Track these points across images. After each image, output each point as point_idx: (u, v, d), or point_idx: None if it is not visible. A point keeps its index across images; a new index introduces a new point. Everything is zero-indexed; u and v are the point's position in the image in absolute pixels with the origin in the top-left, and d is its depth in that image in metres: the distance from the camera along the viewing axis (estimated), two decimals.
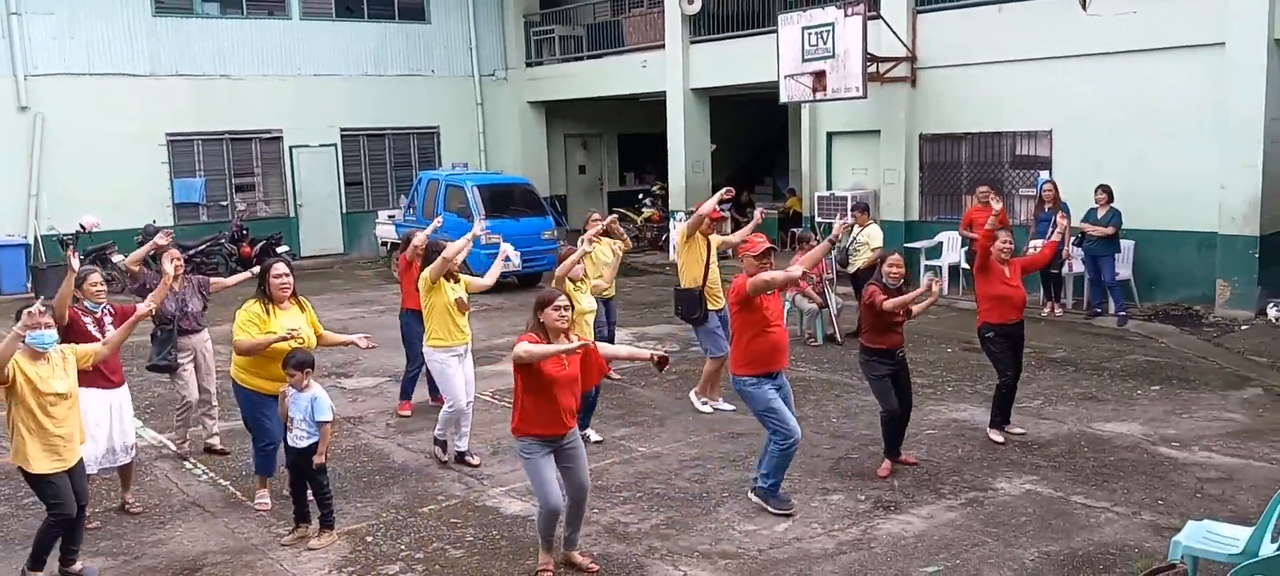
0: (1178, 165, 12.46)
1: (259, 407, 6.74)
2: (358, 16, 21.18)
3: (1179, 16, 12.22)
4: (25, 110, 17.82)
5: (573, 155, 24.25)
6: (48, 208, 18.03)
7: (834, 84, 14.40)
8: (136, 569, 6.11)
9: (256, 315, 6.67)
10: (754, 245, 6.69)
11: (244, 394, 6.82)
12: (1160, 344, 11.25)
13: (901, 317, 7.22)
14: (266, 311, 6.68)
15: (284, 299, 6.77)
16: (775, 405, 6.51)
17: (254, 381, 6.70)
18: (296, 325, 6.66)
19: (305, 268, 19.32)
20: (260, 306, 6.70)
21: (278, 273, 6.77)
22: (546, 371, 5.50)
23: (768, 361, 6.55)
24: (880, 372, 7.26)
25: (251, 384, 6.72)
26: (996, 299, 7.78)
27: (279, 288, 6.74)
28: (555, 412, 5.59)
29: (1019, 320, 7.89)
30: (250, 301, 6.78)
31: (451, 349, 7.60)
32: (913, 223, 15.35)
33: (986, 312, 7.86)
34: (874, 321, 7.23)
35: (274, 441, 6.75)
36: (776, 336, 6.58)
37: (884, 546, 6.09)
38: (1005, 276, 7.80)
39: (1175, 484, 6.96)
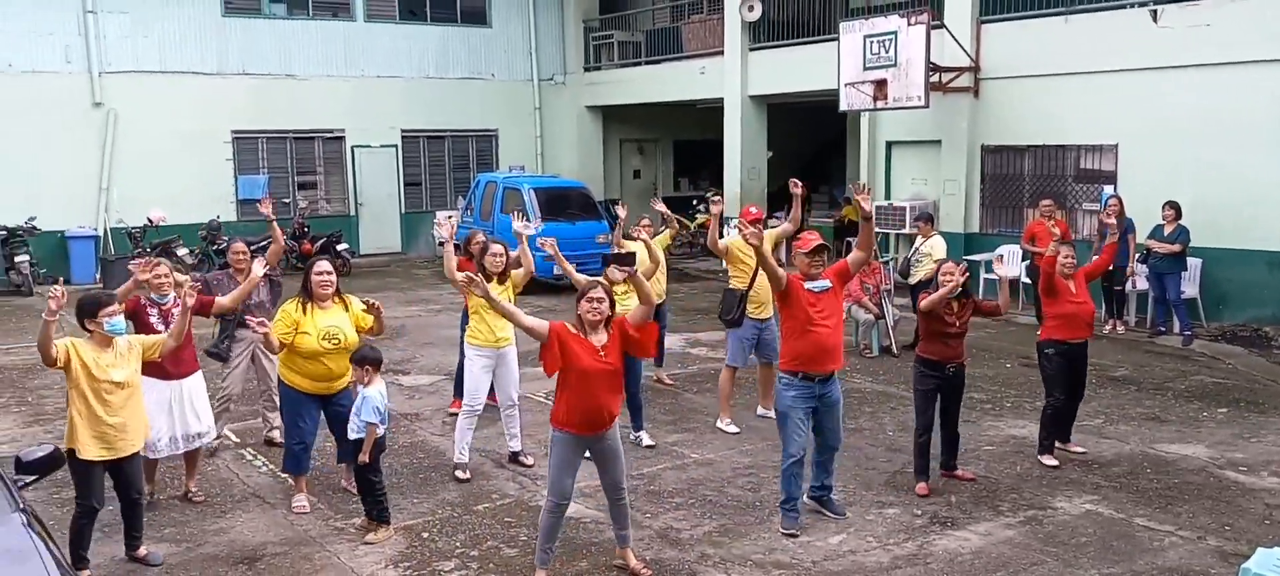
0: (1248, 182, 12.15)
1: (294, 406, 6.72)
2: (420, 19, 21.47)
3: (1253, 30, 11.92)
4: (99, 106, 18.34)
5: (628, 160, 24.32)
6: (117, 201, 18.52)
7: (895, 93, 14.28)
8: (198, 556, 6.24)
9: (289, 314, 6.63)
10: (805, 242, 6.45)
11: (284, 390, 6.80)
12: (1227, 365, 10.97)
13: (956, 328, 7.03)
14: (303, 310, 6.61)
15: (326, 298, 6.67)
16: (792, 414, 6.28)
17: (293, 378, 6.67)
18: (336, 323, 6.62)
19: (363, 266, 19.64)
20: (296, 305, 6.64)
21: (320, 271, 6.68)
22: (579, 362, 5.41)
23: (809, 361, 6.26)
24: (925, 386, 7.09)
25: (291, 381, 6.70)
26: (1064, 317, 7.55)
27: (320, 285, 6.64)
28: (591, 410, 5.48)
29: (1085, 339, 7.68)
30: (291, 298, 6.77)
31: (483, 350, 7.51)
32: (973, 235, 15.15)
33: (1052, 330, 7.63)
34: (927, 328, 7.12)
35: (304, 442, 6.75)
36: (820, 336, 6.23)
37: (940, 562, 6.01)
38: (1071, 292, 7.59)
39: (1242, 509, 6.78)
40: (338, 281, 6.82)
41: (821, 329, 6.24)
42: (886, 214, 15.87)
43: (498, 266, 7.51)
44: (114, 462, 5.78)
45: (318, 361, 6.61)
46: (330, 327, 6.61)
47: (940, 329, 7.01)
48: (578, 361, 5.42)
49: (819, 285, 6.33)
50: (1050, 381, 7.68)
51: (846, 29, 14.99)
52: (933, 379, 7.07)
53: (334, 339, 6.60)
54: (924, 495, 7.03)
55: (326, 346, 6.58)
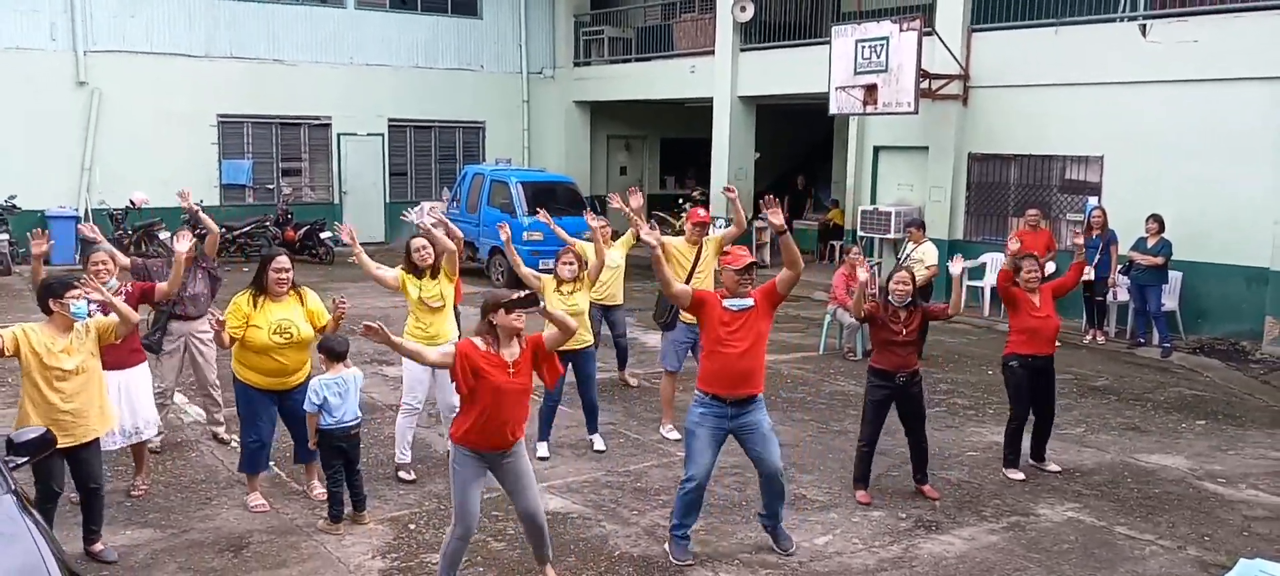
0: (1231, 198, 12.30)
1: (249, 403, 6.54)
2: (411, 9, 21.40)
3: (1240, 47, 12.07)
4: (83, 85, 18.19)
5: (615, 156, 24.32)
6: (99, 182, 18.37)
7: (885, 98, 14.35)
8: (184, 542, 6.21)
9: (239, 307, 6.43)
10: (735, 258, 5.94)
11: (237, 387, 6.60)
12: (1205, 378, 11.11)
13: (903, 336, 6.92)
14: (254, 303, 6.44)
15: (281, 293, 6.48)
16: (695, 430, 5.87)
17: (246, 374, 6.51)
18: (288, 317, 6.45)
19: (345, 254, 19.51)
20: (247, 298, 6.45)
21: (278, 266, 6.47)
22: (490, 380, 5.05)
23: (715, 381, 5.83)
24: (875, 396, 7.01)
25: (243, 377, 6.52)
26: (1027, 331, 7.50)
27: (277, 282, 6.45)
28: (497, 426, 5.15)
29: (1049, 354, 7.60)
30: (242, 291, 6.54)
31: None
32: (957, 241, 15.25)
33: (1015, 344, 7.56)
34: (875, 338, 7.08)
35: (261, 439, 6.58)
36: (727, 357, 5.76)
37: (925, 565, 6.06)
38: (1034, 306, 7.50)
39: (1221, 520, 6.87)
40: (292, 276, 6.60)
41: (729, 350, 5.76)
42: (872, 219, 15.96)
43: (426, 260, 7.28)
44: (70, 450, 5.55)
45: (268, 356, 6.44)
46: (282, 321, 6.43)
47: (887, 337, 6.93)
48: (488, 379, 5.06)
49: (739, 304, 5.84)
50: (1013, 395, 7.63)
51: (838, 33, 15.06)
52: (882, 388, 6.99)
53: (285, 333, 6.42)
54: (866, 504, 6.96)
55: (277, 340, 6.41)
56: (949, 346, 12.40)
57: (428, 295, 7.29)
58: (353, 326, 7.05)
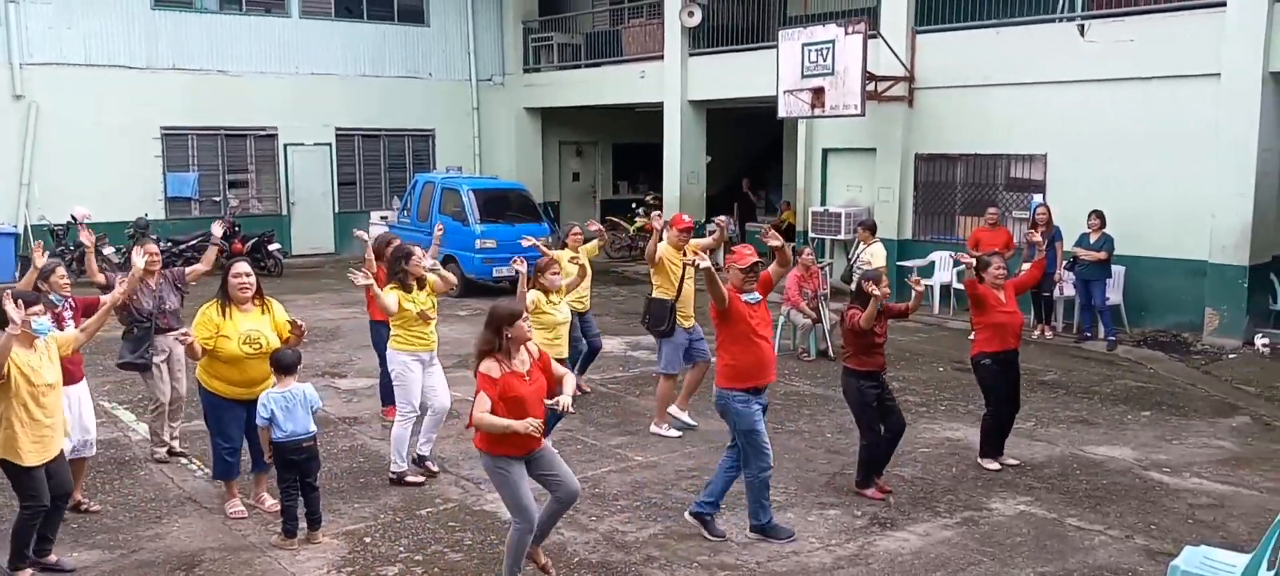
0: (1170, 193, 12.60)
1: (218, 411, 6.56)
2: (357, 17, 21.20)
3: (1176, 46, 12.37)
4: (20, 99, 17.76)
5: (567, 162, 24.29)
6: (39, 197, 17.98)
7: (832, 101, 14.49)
8: (133, 563, 6.08)
9: (210, 318, 6.45)
10: (741, 256, 6.40)
11: (205, 397, 6.62)
12: (1149, 370, 11.35)
13: (882, 337, 7.14)
14: (223, 313, 6.45)
15: (245, 300, 6.51)
16: (760, 427, 6.30)
17: (214, 384, 6.52)
18: (257, 327, 6.48)
19: (296, 266, 19.32)
20: (217, 308, 6.48)
21: (237, 273, 6.52)
22: (517, 391, 5.29)
23: (755, 375, 6.30)
24: (868, 397, 7.13)
25: (211, 387, 6.53)
26: (995, 327, 7.64)
27: (238, 288, 6.47)
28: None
29: (1016, 347, 7.80)
30: (210, 302, 6.57)
31: (417, 354, 7.40)
32: (906, 241, 15.45)
33: (984, 342, 7.69)
34: (857, 343, 7.15)
35: (233, 446, 6.61)
36: (765, 349, 6.35)
37: (881, 562, 6.13)
38: (1001, 303, 7.70)
39: (1167, 509, 7.03)
40: (259, 284, 6.64)
41: (761, 340, 6.32)
42: (823, 220, 16.10)
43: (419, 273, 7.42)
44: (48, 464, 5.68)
45: (237, 366, 6.45)
46: (251, 331, 6.45)
47: (872, 341, 7.10)
48: (512, 391, 5.30)
49: (753, 298, 6.38)
50: (989, 390, 7.79)
51: (785, 37, 15.18)
52: (873, 389, 7.15)
53: (255, 343, 6.44)
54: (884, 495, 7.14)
55: (247, 350, 6.41)
56: (899, 344, 12.51)
57: (427, 307, 7.43)
58: (312, 339, 6.98)
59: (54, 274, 6.80)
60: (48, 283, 6.75)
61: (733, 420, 6.36)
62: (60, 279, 6.81)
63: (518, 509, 5.42)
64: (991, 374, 7.73)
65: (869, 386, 7.13)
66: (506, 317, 5.35)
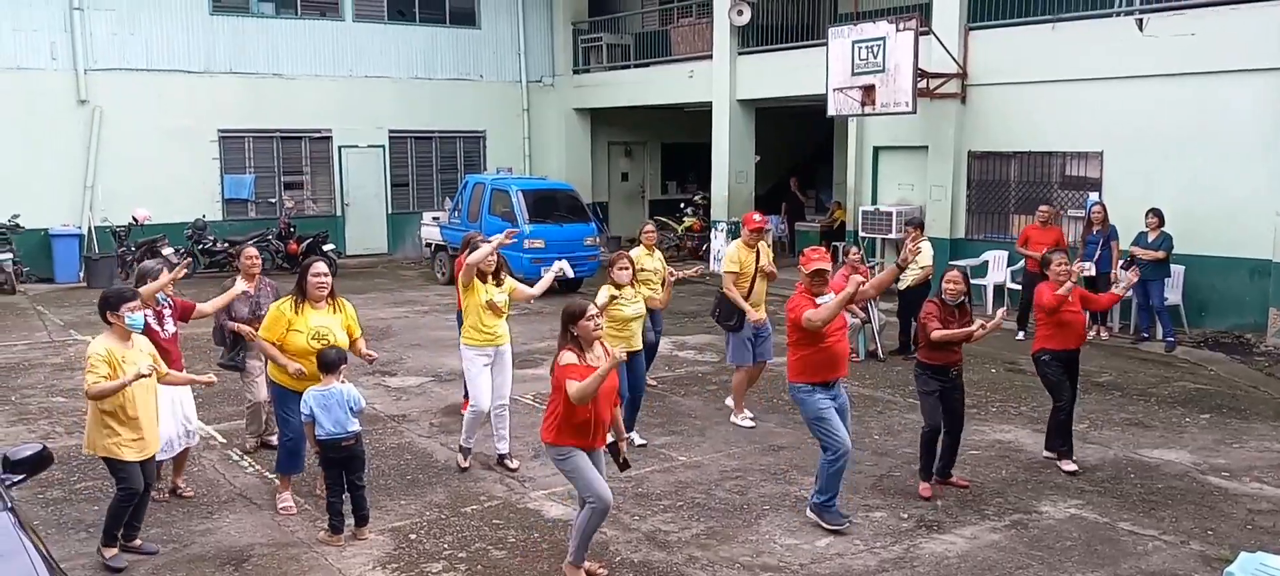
0: (1232, 191, 12.27)
1: (287, 403, 6.72)
2: (409, 20, 21.44)
3: (1238, 39, 12.04)
4: (84, 103, 18.24)
5: (616, 163, 24.34)
6: (102, 200, 18.42)
7: (883, 98, 14.34)
8: (185, 557, 6.21)
9: (282, 313, 6.64)
10: (807, 260, 6.63)
11: (276, 389, 6.86)
12: (1209, 371, 11.07)
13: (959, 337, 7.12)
14: (296, 309, 6.63)
15: (321, 298, 6.70)
16: (825, 415, 6.43)
17: (284, 377, 6.72)
18: (326, 324, 6.64)
19: (350, 267, 19.58)
20: (289, 303, 6.66)
21: (316, 271, 6.71)
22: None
23: (823, 370, 6.49)
24: (930, 388, 7.16)
25: (281, 380, 6.75)
26: (1058, 324, 7.59)
27: (316, 287, 6.67)
28: (593, 425, 5.55)
29: (1077, 348, 7.73)
30: (284, 298, 6.80)
31: (482, 349, 7.59)
32: (959, 240, 15.23)
33: (1046, 339, 7.66)
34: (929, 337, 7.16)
35: (297, 437, 6.75)
36: (832, 347, 6.49)
37: (927, 565, 6.05)
38: (1067, 302, 7.61)
39: (1225, 514, 6.84)
40: (333, 284, 6.84)
41: (833, 339, 6.48)
42: (873, 219, 15.94)
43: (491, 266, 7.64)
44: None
45: (306, 360, 6.59)
46: (320, 327, 6.62)
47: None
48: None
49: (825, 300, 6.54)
50: (1056, 387, 7.70)
51: (835, 34, 15.05)
52: (937, 382, 7.13)
53: (323, 339, 6.59)
54: (928, 498, 7.07)
55: (315, 345, 6.57)
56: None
57: (497, 299, 7.61)
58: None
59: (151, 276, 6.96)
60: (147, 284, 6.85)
61: (801, 410, 6.64)
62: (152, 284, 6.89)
63: (591, 489, 5.58)
64: (1054, 370, 7.66)
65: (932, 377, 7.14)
66: (573, 315, 5.58)
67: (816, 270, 6.59)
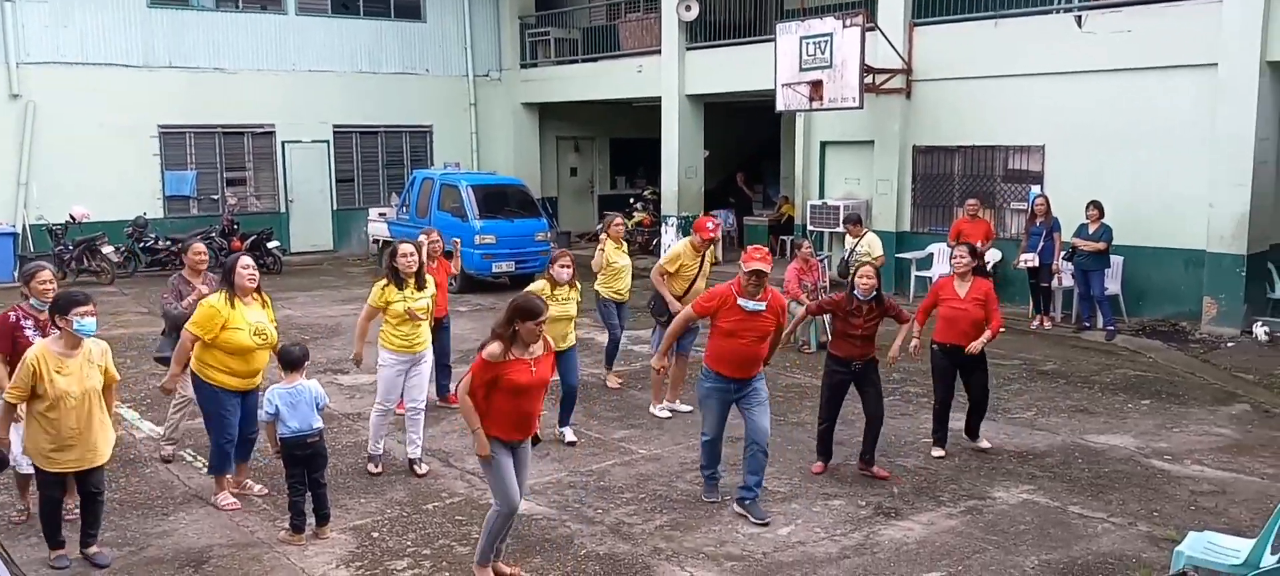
0: (1168, 183, 12.65)
1: (219, 404, 6.60)
2: (353, 13, 21.18)
3: (1173, 36, 12.41)
4: (17, 98, 17.75)
5: (564, 157, 24.30)
6: (37, 197, 17.98)
7: (831, 94, 14.52)
8: (142, 559, 6.11)
9: (216, 309, 6.49)
10: (748, 258, 6.58)
11: (204, 388, 6.65)
12: (1148, 359, 11.40)
13: (861, 331, 7.29)
14: (230, 304, 6.52)
15: (251, 291, 6.60)
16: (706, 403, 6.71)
17: (217, 376, 6.56)
18: (261, 319, 6.60)
19: (294, 264, 19.32)
20: (222, 299, 6.53)
21: (245, 264, 6.63)
22: (516, 379, 5.37)
23: (722, 364, 6.61)
24: (832, 379, 7.44)
25: (213, 379, 6.57)
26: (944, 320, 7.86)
27: (247, 278, 6.56)
28: (523, 418, 5.49)
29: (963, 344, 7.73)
30: (215, 294, 6.66)
31: (398, 355, 7.49)
32: (904, 233, 15.49)
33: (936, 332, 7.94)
34: (836, 329, 7.42)
35: (232, 438, 6.67)
36: (736, 347, 6.51)
37: (887, 551, 6.17)
38: (955, 297, 7.80)
39: (1169, 496, 7.07)
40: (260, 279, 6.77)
41: (738, 342, 6.53)
42: (820, 213, 16.14)
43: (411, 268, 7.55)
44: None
45: (246, 357, 6.54)
46: (258, 323, 6.58)
47: (846, 331, 7.32)
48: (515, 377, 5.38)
49: (753, 305, 6.52)
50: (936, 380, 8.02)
51: (783, 30, 15.20)
52: (838, 373, 7.39)
53: (263, 334, 6.58)
54: (819, 473, 7.43)
55: (257, 341, 6.53)
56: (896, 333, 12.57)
57: (418, 307, 7.52)
58: (313, 337, 7.02)
59: (34, 278, 6.40)
60: (29, 287, 6.38)
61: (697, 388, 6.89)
62: (40, 284, 6.37)
63: (503, 492, 5.49)
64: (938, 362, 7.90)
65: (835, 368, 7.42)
66: (525, 312, 5.41)
67: (754, 270, 6.48)
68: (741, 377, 6.60)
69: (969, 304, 7.76)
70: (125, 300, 15.49)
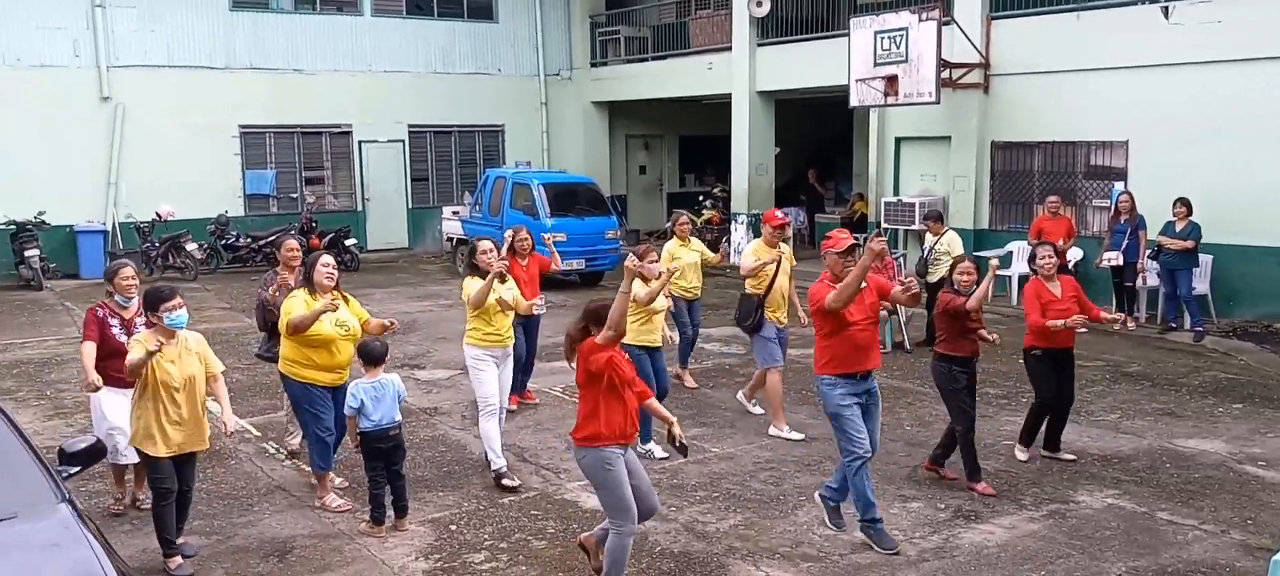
0: (1259, 179, 12.20)
1: (312, 400, 6.67)
2: (427, 14, 21.48)
3: (1264, 26, 11.96)
4: (107, 100, 18.35)
5: (634, 155, 24.34)
6: (126, 196, 18.55)
7: (906, 89, 14.30)
8: (228, 548, 6.27)
9: (304, 300, 6.61)
10: (837, 241, 6.30)
11: (297, 387, 6.74)
12: (1239, 361, 11.02)
13: (977, 323, 7.11)
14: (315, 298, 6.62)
15: (330, 288, 6.66)
16: (844, 412, 6.12)
17: (305, 373, 6.64)
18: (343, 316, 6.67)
19: (371, 261, 19.67)
20: (305, 295, 6.64)
21: (325, 262, 6.70)
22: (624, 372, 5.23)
23: (847, 361, 6.16)
24: (959, 383, 7.08)
25: (302, 376, 6.65)
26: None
27: (325, 276, 6.62)
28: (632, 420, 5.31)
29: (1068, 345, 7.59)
30: (299, 289, 6.76)
31: (489, 349, 7.40)
32: (982, 231, 15.18)
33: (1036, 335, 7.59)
34: (951, 327, 7.13)
35: (332, 431, 6.70)
36: (856, 335, 6.14)
37: (967, 555, 6.05)
38: (1053, 297, 7.52)
39: (1264, 504, 6.82)
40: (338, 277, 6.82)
41: (856, 327, 6.16)
42: (896, 210, 15.91)
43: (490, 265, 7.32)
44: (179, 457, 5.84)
45: (330, 350, 6.61)
46: (339, 316, 6.65)
47: (965, 326, 7.06)
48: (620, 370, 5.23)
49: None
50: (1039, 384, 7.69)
51: (857, 25, 15.01)
52: (965, 375, 7.10)
53: (344, 326, 6.66)
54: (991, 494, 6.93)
55: (340, 332, 6.62)
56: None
57: (507, 296, 7.45)
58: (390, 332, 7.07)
59: (118, 275, 6.55)
60: (112, 284, 6.53)
61: (822, 402, 6.35)
62: (124, 281, 6.53)
63: (622, 509, 5.25)
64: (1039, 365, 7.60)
65: (960, 371, 7.08)
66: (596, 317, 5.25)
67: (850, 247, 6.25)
68: (864, 371, 6.22)
69: (1068, 303, 7.53)
70: (208, 296, 15.92)
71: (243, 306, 14.75)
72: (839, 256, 6.25)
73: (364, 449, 6.39)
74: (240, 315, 14.18)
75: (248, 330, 13.01)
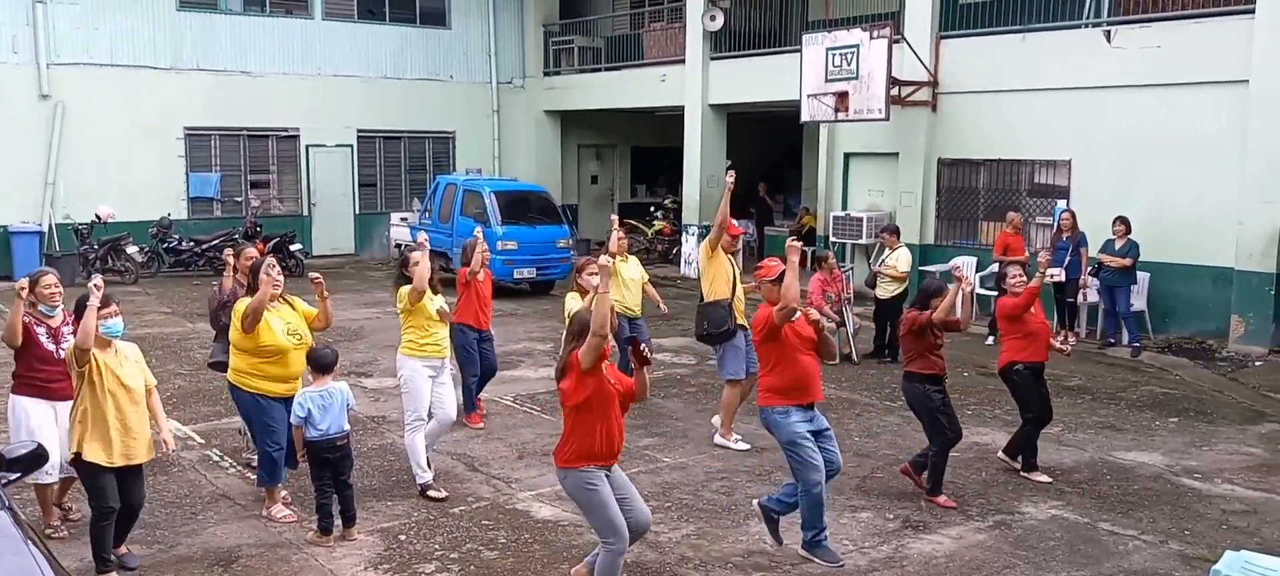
0: (1196, 200, 12.55)
1: (263, 411, 6.50)
2: (379, 19, 21.29)
3: (1203, 52, 12.32)
4: (46, 98, 17.90)
5: (585, 165, 24.34)
6: (64, 196, 18.11)
7: (856, 105, 14.49)
8: (172, 558, 6.13)
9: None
10: (769, 270, 6.36)
11: (246, 399, 6.56)
12: (1175, 376, 11.31)
13: (943, 341, 7.17)
14: None
15: (277, 295, 6.49)
16: (801, 440, 6.03)
17: (257, 383, 6.47)
18: (293, 320, 6.58)
19: (316, 267, 19.30)
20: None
21: (270, 265, 6.45)
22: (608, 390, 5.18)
23: (795, 393, 6.13)
24: (934, 400, 7.07)
25: (253, 387, 6.49)
26: (1026, 335, 7.64)
27: (272, 283, 6.35)
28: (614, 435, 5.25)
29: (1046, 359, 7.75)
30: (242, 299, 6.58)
31: (427, 359, 7.29)
32: (928, 246, 15.42)
33: (1016, 351, 7.66)
34: (918, 344, 7.10)
35: (281, 446, 6.54)
36: (807, 364, 6.16)
37: (916, 565, 6.13)
38: (1033, 312, 7.68)
39: (1200, 515, 7.00)
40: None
41: (807, 355, 6.18)
42: (844, 224, 16.09)
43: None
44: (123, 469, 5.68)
45: (282, 360, 6.48)
46: (289, 323, 6.54)
47: (934, 343, 7.09)
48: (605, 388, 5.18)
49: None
50: (1025, 400, 7.73)
51: (809, 41, 15.19)
52: (939, 392, 7.13)
53: (296, 333, 6.53)
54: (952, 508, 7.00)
55: (292, 341, 6.48)
56: None
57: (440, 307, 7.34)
58: (336, 340, 7.00)
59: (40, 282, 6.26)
60: (34, 292, 6.20)
61: (773, 433, 6.23)
62: (46, 289, 6.26)
63: (611, 528, 5.18)
64: (1025, 381, 7.69)
65: (934, 389, 7.11)
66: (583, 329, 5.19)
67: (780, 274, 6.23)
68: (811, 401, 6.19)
69: (1041, 317, 7.71)
70: (149, 300, 15.59)
71: (185, 311, 14.48)
72: (772, 284, 6.33)
73: (311, 458, 6.28)
74: (183, 320, 13.91)
75: (190, 335, 12.78)
